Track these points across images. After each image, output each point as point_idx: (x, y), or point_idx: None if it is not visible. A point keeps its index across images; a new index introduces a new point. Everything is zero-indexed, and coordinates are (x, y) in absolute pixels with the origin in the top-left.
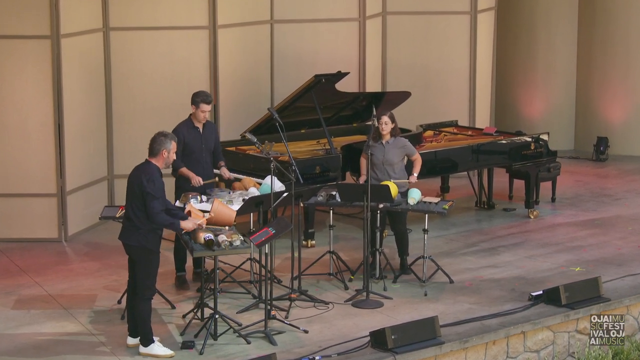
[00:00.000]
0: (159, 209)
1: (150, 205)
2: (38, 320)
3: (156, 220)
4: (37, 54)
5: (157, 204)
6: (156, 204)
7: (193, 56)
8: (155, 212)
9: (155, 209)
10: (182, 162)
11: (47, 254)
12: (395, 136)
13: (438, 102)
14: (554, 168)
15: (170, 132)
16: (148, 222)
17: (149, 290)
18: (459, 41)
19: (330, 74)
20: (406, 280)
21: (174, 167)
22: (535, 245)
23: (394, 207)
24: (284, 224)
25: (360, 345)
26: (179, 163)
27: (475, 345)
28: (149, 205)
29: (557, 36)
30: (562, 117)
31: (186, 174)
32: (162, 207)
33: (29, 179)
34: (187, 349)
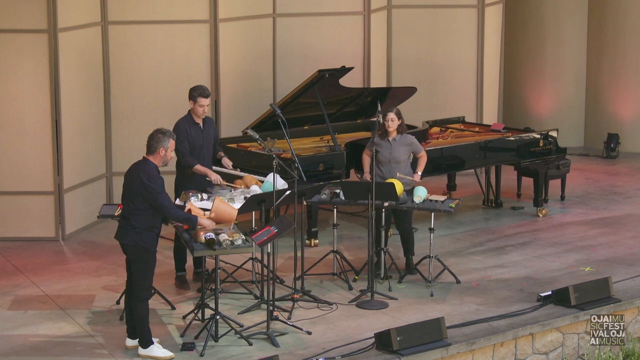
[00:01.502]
0: (171, 204)
1: (160, 203)
2: (35, 321)
3: (172, 216)
4: (34, 49)
5: (167, 200)
6: (166, 200)
7: (193, 51)
8: (168, 207)
9: (167, 206)
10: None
11: (44, 253)
12: (402, 133)
13: (444, 97)
14: (564, 165)
15: (170, 129)
16: (145, 221)
17: (145, 291)
18: (466, 35)
19: (334, 69)
20: (412, 281)
21: (189, 165)
22: (544, 245)
23: (399, 206)
24: (286, 222)
25: (365, 347)
26: (192, 160)
27: (483, 347)
28: (159, 203)
29: (567, 30)
30: (572, 113)
31: (202, 172)
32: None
33: (26, 177)
34: (187, 351)
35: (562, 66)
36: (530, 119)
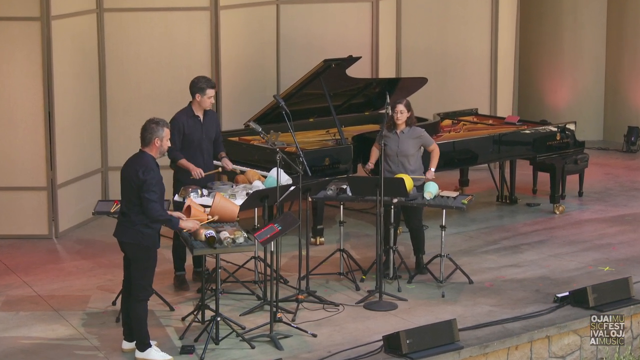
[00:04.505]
0: (156, 200)
1: (145, 197)
2: (27, 323)
3: (151, 213)
4: (26, 37)
5: (153, 196)
6: (152, 195)
7: (193, 39)
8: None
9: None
10: (181, 153)
11: (37, 252)
12: (411, 125)
13: (456, 89)
14: (582, 160)
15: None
16: (145, 218)
17: (144, 291)
18: (480, 23)
19: (340, 59)
20: (422, 281)
21: (173, 159)
22: (560, 243)
23: (409, 202)
24: (290, 220)
25: (373, 350)
26: (177, 154)
27: (497, 350)
28: (144, 197)
29: (585, 17)
30: (590, 105)
31: (186, 166)
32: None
33: (17, 171)
34: (186, 354)
35: (580, 55)
36: (546, 111)
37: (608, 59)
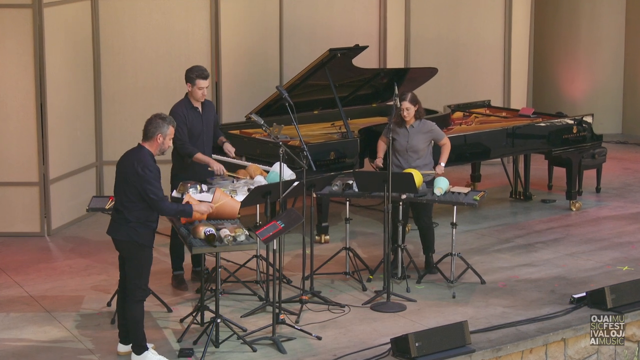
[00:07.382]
0: (162, 197)
1: (150, 196)
2: (18, 325)
3: (164, 210)
4: (17, 26)
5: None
6: (157, 194)
7: (192, 28)
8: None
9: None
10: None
11: (28, 250)
12: (421, 118)
13: (468, 79)
14: (599, 154)
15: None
16: (140, 214)
17: (141, 292)
18: (493, 10)
19: (346, 48)
20: (432, 281)
21: (189, 154)
22: (577, 242)
23: (418, 198)
24: (294, 217)
25: (380, 354)
26: (193, 149)
27: (510, 353)
28: (149, 196)
29: (603, 5)
30: (608, 96)
31: (205, 160)
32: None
33: (8, 166)
34: (185, 357)
35: (598, 44)
36: (562, 103)
37: (627, 48)
